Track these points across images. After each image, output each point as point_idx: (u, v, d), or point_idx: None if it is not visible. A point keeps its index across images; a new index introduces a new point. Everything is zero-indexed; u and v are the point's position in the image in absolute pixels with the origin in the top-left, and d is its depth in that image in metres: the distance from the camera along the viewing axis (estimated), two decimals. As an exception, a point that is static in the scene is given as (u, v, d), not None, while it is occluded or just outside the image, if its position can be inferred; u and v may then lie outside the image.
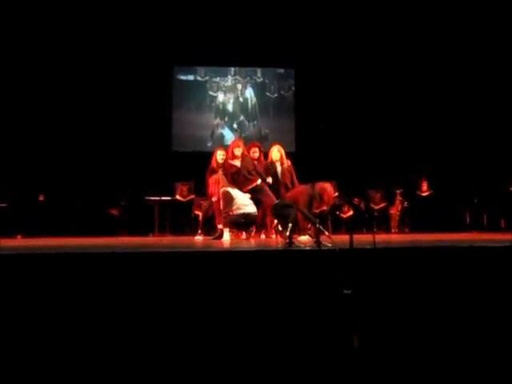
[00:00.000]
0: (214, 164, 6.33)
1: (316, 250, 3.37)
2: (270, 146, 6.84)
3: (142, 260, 3.22)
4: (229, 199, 5.74)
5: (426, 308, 3.17)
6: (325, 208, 7.23)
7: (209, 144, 9.44)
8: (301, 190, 6.07)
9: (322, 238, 3.54)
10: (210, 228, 7.83)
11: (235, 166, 6.20)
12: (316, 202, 6.02)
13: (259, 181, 6.21)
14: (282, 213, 5.70)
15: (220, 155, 6.39)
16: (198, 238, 6.44)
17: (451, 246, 3.49)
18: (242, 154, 6.29)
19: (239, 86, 9.87)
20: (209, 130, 9.72)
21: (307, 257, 3.31)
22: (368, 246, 3.37)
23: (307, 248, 3.47)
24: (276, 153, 6.61)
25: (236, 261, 3.25)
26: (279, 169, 6.59)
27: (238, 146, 6.27)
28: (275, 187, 6.47)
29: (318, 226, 3.47)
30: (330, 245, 3.47)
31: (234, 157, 6.24)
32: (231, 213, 5.79)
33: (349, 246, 3.24)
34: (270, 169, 6.54)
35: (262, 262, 3.24)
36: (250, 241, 5.61)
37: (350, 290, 3.00)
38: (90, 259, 3.14)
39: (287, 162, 6.64)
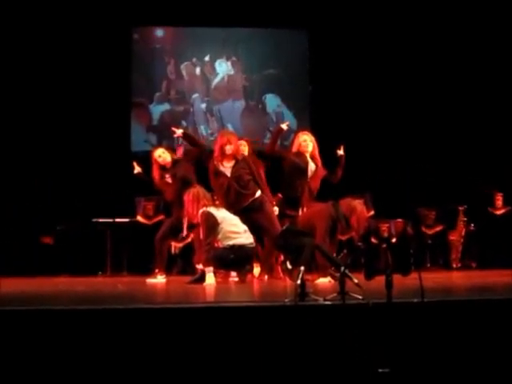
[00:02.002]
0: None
1: (340, 304, 3.31)
2: (296, 133, 6.72)
3: (81, 320, 3.17)
4: (211, 225, 5.67)
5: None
6: (354, 235, 7.22)
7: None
8: (318, 210, 6.03)
9: (349, 286, 3.48)
10: (186, 266, 7.82)
11: (223, 175, 6.12)
12: (341, 227, 5.99)
13: (258, 193, 6.13)
14: (292, 244, 5.64)
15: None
16: (152, 280, 6.36)
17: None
18: (236, 153, 6.17)
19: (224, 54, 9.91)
20: (182, 119, 9.74)
21: (327, 316, 3.26)
22: (415, 299, 3.30)
23: (327, 302, 3.40)
24: (308, 142, 6.39)
25: (221, 322, 3.20)
26: (312, 167, 6.40)
27: (229, 142, 6.11)
28: (295, 197, 6.35)
29: (343, 269, 3.41)
30: (359, 296, 3.40)
31: (223, 157, 6.13)
32: (216, 244, 5.73)
33: (386, 298, 3.19)
34: (298, 164, 6.34)
35: (260, 324, 3.18)
36: (244, 287, 5.55)
37: (388, 368, 2.94)
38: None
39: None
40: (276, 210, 6.27)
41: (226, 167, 6.11)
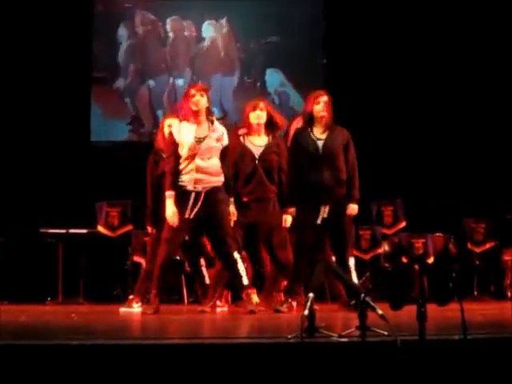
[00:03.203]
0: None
1: (359, 342, 3.34)
2: (294, 119, 6.85)
3: (25, 359, 3.19)
4: None
5: None
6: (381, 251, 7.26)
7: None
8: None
9: (371, 319, 3.51)
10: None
11: (249, 155, 6.14)
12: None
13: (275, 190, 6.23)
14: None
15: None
16: (127, 309, 6.44)
17: None
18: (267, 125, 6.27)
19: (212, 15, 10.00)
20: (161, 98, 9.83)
21: (342, 356, 3.28)
22: (456, 336, 3.33)
23: (343, 339, 3.42)
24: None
25: (208, 364, 3.23)
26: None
27: (260, 108, 6.22)
28: None
29: (363, 297, 3.44)
30: (384, 332, 3.44)
31: (252, 130, 6.20)
32: None
33: (418, 334, 3.21)
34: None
35: (257, 366, 3.22)
36: (238, 319, 5.63)
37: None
38: None
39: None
40: (289, 220, 6.26)
41: (255, 146, 6.20)
